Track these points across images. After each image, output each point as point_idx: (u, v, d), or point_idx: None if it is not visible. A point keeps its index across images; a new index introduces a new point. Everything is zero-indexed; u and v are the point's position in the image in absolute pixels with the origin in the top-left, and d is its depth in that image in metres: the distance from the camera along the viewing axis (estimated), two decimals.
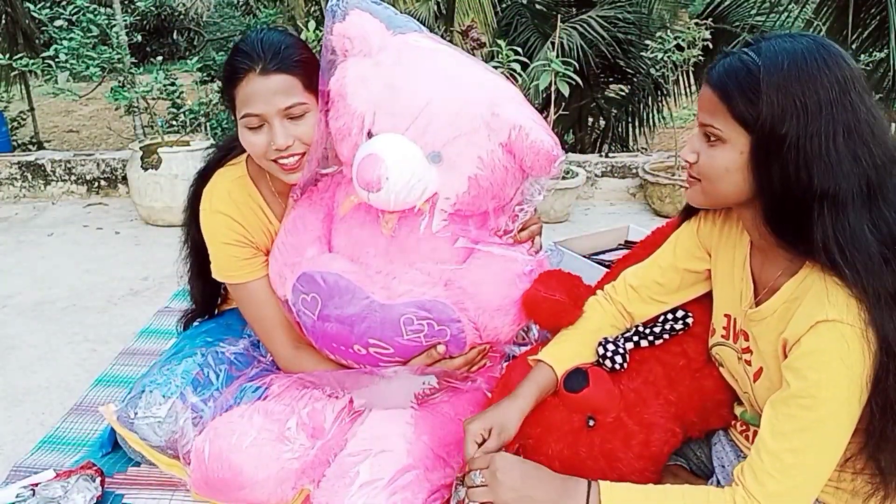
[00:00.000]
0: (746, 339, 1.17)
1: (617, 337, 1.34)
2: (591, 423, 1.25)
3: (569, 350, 1.32)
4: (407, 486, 1.32)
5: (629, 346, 1.32)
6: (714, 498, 1.04)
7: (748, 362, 1.17)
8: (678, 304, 1.35)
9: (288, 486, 1.36)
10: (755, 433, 1.09)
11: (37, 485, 1.51)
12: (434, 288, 1.37)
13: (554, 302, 1.34)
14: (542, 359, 1.30)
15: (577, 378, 1.26)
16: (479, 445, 1.19)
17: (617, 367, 1.30)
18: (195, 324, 1.78)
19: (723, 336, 1.25)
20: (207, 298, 1.75)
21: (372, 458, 1.35)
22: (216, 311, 1.81)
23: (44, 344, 2.38)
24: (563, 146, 1.38)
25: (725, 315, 1.24)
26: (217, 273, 1.53)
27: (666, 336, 1.33)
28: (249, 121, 1.36)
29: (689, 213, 1.29)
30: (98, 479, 1.51)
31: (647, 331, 1.34)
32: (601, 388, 1.25)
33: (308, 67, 1.39)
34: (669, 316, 1.34)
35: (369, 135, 1.31)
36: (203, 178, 1.55)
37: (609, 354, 1.30)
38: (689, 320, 1.33)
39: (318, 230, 1.47)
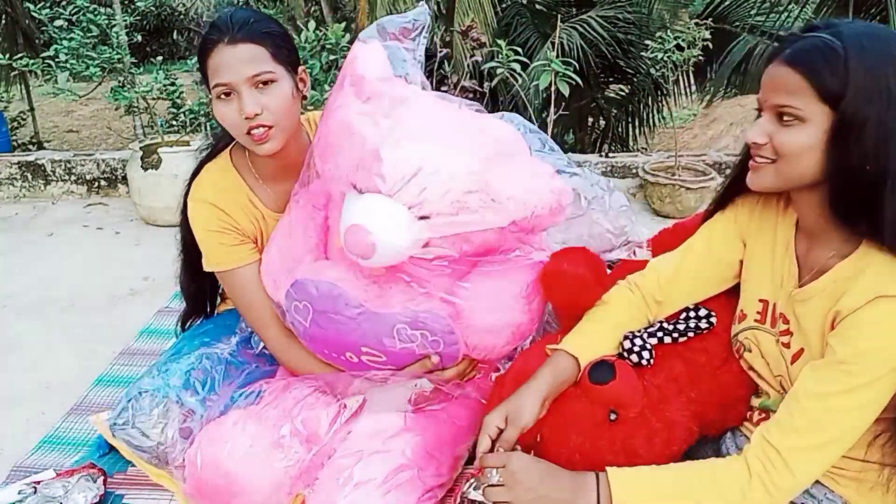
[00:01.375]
0: (786, 322, 1.17)
1: (641, 332, 1.31)
2: (613, 417, 1.22)
3: (592, 341, 1.29)
4: (400, 486, 1.32)
5: (653, 341, 1.30)
6: (721, 473, 1.06)
7: (786, 345, 1.17)
8: (704, 298, 1.33)
9: (283, 493, 1.35)
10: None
11: (39, 482, 1.51)
12: (430, 300, 1.36)
13: (577, 276, 1.29)
14: (563, 348, 1.27)
15: (603, 370, 1.22)
16: (495, 439, 1.17)
17: (644, 362, 1.26)
18: (194, 324, 1.78)
19: (757, 320, 1.24)
20: (198, 296, 1.75)
21: (365, 459, 1.35)
22: (214, 313, 1.81)
23: (44, 344, 2.38)
24: (563, 146, 1.38)
25: (761, 300, 1.24)
26: (207, 263, 1.53)
27: (690, 334, 1.30)
28: (219, 90, 1.39)
29: (721, 204, 1.30)
30: (100, 479, 1.51)
31: (671, 327, 1.31)
32: (627, 382, 1.22)
33: (276, 39, 1.41)
34: (692, 314, 1.32)
35: (354, 186, 1.27)
36: (194, 177, 1.57)
37: (636, 349, 1.27)
38: (713, 319, 1.31)
39: (315, 237, 1.46)
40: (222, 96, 1.39)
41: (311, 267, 1.40)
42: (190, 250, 1.60)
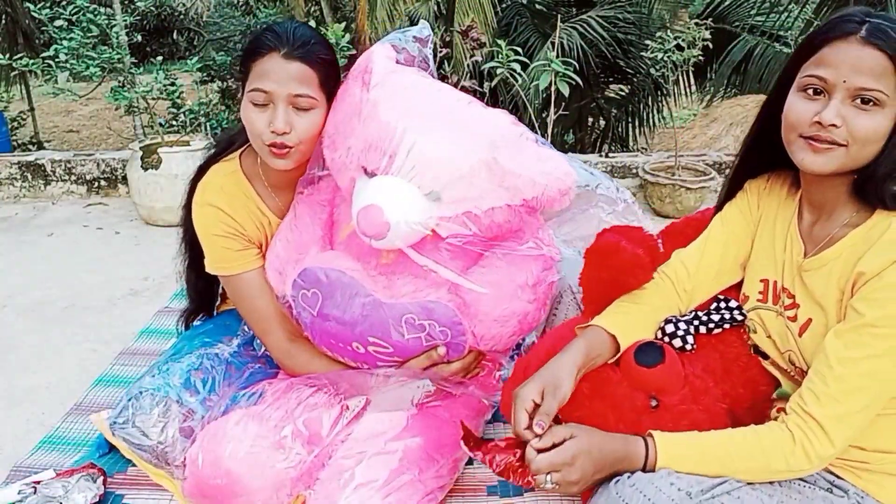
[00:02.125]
0: (790, 297, 1.18)
1: (680, 318, 1.28)
2: (654, 403, 1.19)
3: (629, 321, 1.25)
4: (402, 488, 1.32)
5: (691, 329, 1.28)
6: (766, 439, 1.06)
7: (792, 318, 1.17)
8: (726, 286, 1.33)
9: (284, 494, 1.35)
10: None
11: (39, 482, 1.51)
12: (437, 290, 1.36)
13: (634, 255, 1.24)
14: (599, 324, 1.23)
15: (652, 352, 1.18)
16: (531, 414, 1.09)
17: (688, 347, 1.24)
18: (194, 324, 1.78)
19: (759, 300, 1.25)
20: (202, 293, 1.75)
21: (367, 460, 1.35)
22: (215, 312, 1.81)
23: (44, 344, 2.38)
24: (563, 146, 1.38)
25: (762, 280, 1.25)
26: (210, 266, 1.53)
27: (726, 325, 1.28)
28: (256, 95, 1.37)
29: (732, 192, 1.32)
30: (100, 479, 1.51)
31: (706, 317, 1.29)
32: (673, 368, 1.19)
33: (328, 68, 1.41)
34: (723, 305, 1.30)
35: (365, 170, 1.29)
36: (199, 174, 1.56)
37: (680, 333, 1.24)
38: (745, 312, 1.30)
39: (321, 230, 1.47)
40: (257, 101, 1.38)
41: (320, 256, 1.40)
42: (195, 247, 1.59)
